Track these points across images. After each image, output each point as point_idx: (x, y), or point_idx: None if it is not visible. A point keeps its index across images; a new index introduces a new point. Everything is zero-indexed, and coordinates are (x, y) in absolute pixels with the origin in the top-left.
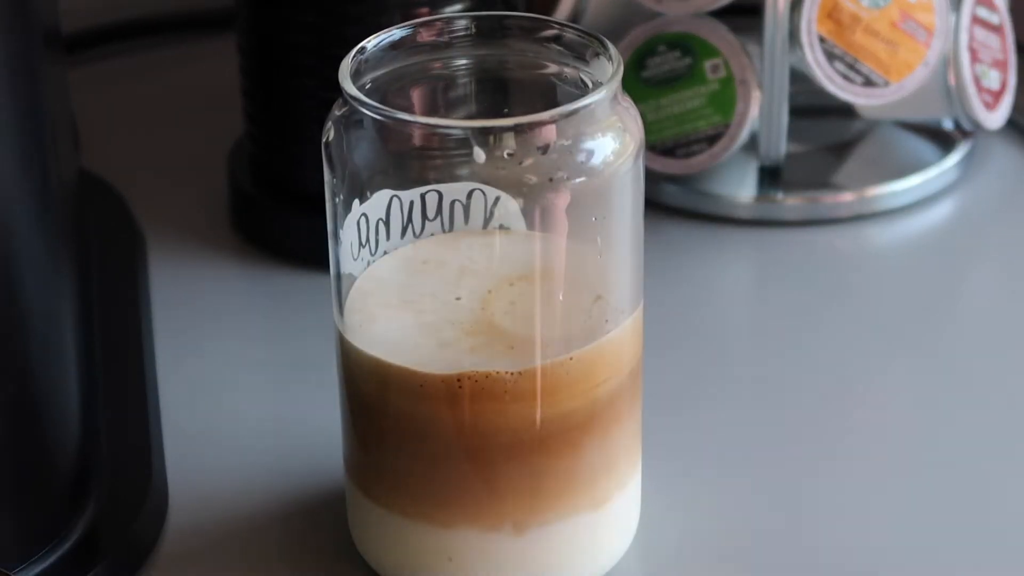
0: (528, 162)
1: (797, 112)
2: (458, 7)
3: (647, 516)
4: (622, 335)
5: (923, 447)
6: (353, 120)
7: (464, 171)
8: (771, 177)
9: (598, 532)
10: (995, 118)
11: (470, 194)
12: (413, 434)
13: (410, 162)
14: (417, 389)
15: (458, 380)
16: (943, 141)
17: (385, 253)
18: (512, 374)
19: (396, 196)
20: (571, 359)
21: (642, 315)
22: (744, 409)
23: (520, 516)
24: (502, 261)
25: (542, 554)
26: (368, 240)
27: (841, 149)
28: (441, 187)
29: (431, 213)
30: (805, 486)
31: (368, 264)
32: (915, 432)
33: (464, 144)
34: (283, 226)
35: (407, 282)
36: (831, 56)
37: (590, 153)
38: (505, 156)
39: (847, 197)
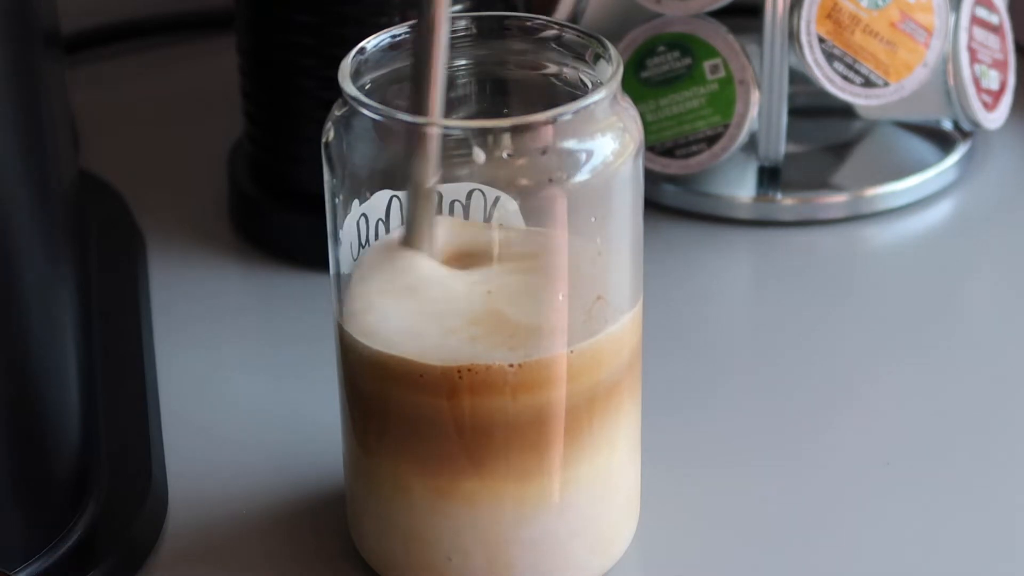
0: (527, 162)
1: (796, 112)
2: (458, 7)
3: (647, 516)
4: (621, 333)
5: (923, 447)
6: (353, 120)
7: (464, 171)
8: (770, 177)
9: (597, 529)
10: (994, 118)
11: (470, 194)
12: (413, 429)
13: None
14: (417, 380)
15: (458, 372)
16: (942, 141)
17: None
18: (512, 367)
19: (396, 196)
20: (571, 352)
21: (641, 314)
22: (743, 409)
23: (519, 513)
24: (503, 257)
25: (542, 551)
26: (368, 240)
27: (840, 149)
28: (441, 187)
29: None
30: (804, 485)
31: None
32: (915, 432)
33: (464, 144)
34: (283, 226)
35: (407, 270)
36: (830, 56)
37: (590, 153)
38: (505, 156)
39: (846, 197)
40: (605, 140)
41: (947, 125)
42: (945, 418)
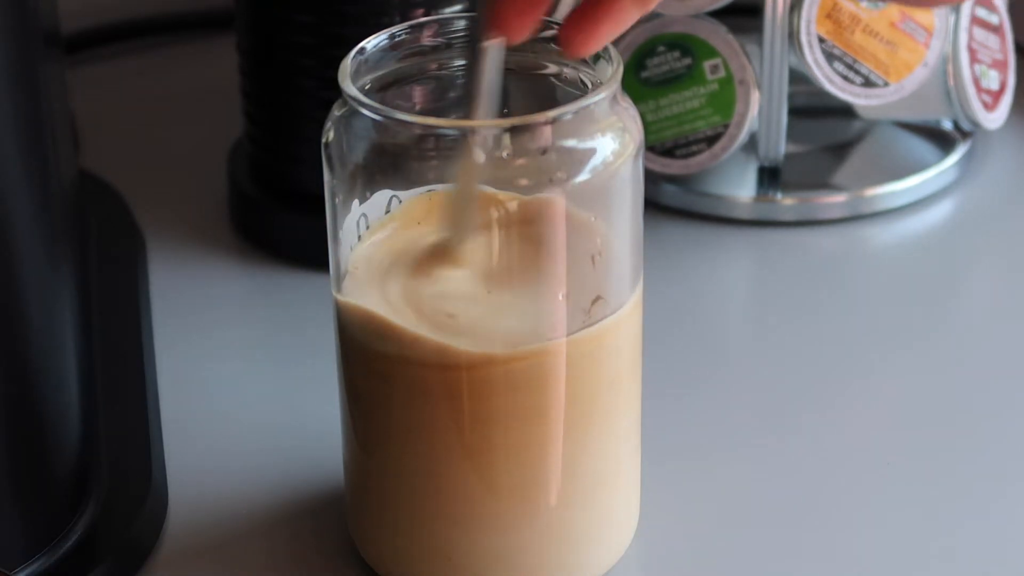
0: (527, 162)
1: (796, 112)
2: (457, 7)
3: (647, 515)
4: (620, 333)
5: (922, 447)
6: (353, 120)
7: None
8: (770, 177)
9: (598, 528)
10: (994, 118)
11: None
12: (412, 428)
13: (409, 162)
14: (417, 371)
15: (455, 363)
16: (942, 141)
17: None
18: (511, 365)
19: (396, 196)
20: (571, 352)
21: (641, 314)
22: (743, 408)
23: (520, 512)
24: (503, 255)
25: (542, 551)
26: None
27: (840, 149)
28: (441, 187)
29: None
30: (805, 485)
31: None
32: (914, 432)
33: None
34: (283, 226)
35: (402, 261)
36: (830, 56)
37: (590, 153)
38: (504, 157)
39: (846, 197)
40: (605, 140)
41: (947, 125)
42: (945, 417)
